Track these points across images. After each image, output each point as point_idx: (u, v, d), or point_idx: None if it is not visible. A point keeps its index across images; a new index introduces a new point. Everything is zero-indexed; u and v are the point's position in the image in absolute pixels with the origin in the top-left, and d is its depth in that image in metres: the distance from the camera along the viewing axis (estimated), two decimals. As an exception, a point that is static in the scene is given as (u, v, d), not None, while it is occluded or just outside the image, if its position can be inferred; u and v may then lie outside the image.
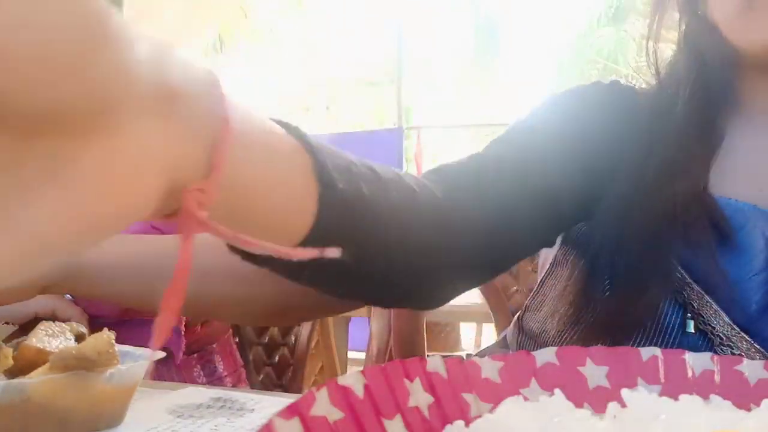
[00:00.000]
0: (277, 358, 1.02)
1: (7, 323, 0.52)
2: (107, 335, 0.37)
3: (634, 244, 0.41)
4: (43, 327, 0.40)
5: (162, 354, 0.42)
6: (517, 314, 0.52)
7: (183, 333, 0.76)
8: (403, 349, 0.92)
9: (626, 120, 0.45)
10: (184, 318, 0.76)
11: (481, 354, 0.47)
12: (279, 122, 0.26)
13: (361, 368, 0.23)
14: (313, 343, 1.05)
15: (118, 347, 0.38)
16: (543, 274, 0.49)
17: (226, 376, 0.89)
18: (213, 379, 0.87)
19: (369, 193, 0.29)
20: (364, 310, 1.02)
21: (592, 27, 7.88)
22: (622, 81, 0.49)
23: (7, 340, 0.41)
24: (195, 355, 0.85)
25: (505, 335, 0.55)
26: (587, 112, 0.45)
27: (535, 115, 0.46)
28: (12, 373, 0.36)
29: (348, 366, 1.34)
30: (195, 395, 0.46)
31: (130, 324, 0.47)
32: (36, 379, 0.34)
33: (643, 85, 0.49)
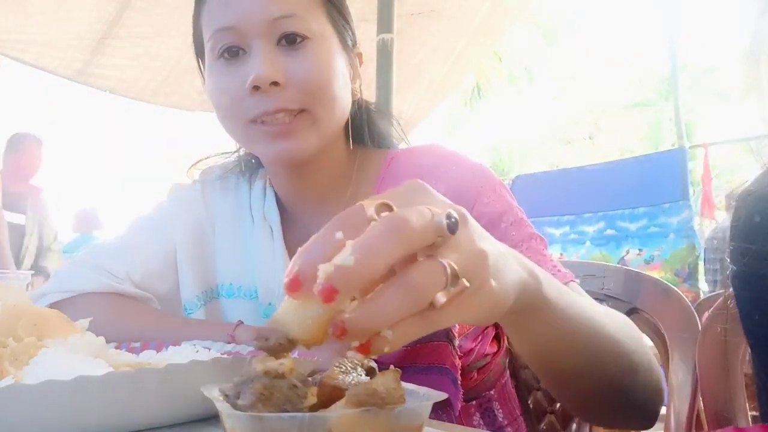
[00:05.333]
0: (559, 406, 0.94)
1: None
2: (394, 371, 0.38)
3: None
4: (337, 364, 0.42)
5: (444, 395, 0.41)
6: None
7: (459, 383, 0.74)
8: (715, 407, 0.76)
9: None
10: (459, 364, 0.75)
11: None
12: None
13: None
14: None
15: (403, 385, 0.38)
16: None
17: (506, 425, 0.85)
18: (494, 429, 0.83)
19: None
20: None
21: None
22: None
23: (308, 375, 0.44)
24: (474, 402, 0.83)
25: None
26: None
27: None
28: (312, 408, 0.38)
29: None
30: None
31: (408, 370, 0.47)
32: (336, 413, 0.36)
33: None
